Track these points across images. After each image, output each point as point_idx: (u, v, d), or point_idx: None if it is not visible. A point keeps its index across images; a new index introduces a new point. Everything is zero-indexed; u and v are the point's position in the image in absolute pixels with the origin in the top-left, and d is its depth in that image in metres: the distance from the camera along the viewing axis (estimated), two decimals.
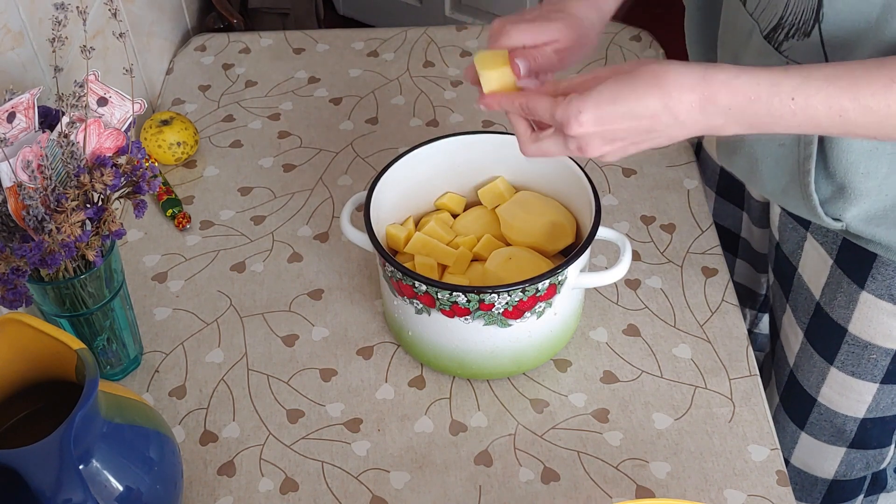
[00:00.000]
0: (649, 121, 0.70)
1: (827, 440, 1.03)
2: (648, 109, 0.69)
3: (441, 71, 1.35)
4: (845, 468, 1.05)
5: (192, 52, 1.40)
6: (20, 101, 0.80)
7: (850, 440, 1.02)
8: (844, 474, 1.05)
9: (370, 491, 0.88)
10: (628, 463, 0.90)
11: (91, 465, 0.72)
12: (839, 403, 1.00)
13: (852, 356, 0.95)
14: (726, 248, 1.18)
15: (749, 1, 0.83)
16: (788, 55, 0.79)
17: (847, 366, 0.96)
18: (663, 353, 0.99)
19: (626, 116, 0.70)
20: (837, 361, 0.96)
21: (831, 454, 1.04)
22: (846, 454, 1.03)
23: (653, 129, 0.70)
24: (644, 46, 1.36)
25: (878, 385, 0.97)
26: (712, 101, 0.68)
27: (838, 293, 0.93)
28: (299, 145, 1.23)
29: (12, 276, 0.78)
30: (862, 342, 0.94)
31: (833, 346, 0.96)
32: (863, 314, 0.92)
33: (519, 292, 0.85)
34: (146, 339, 1.01)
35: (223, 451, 0.92)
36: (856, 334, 0.94)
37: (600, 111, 0.70)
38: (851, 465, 1.05)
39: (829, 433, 1.02)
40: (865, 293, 0.91)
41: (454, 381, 0.97)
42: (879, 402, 0.98)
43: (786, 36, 0.78)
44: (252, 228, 1.13)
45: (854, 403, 0.99)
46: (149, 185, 0.87)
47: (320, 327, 1.02)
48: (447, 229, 1.00)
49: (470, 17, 2.35)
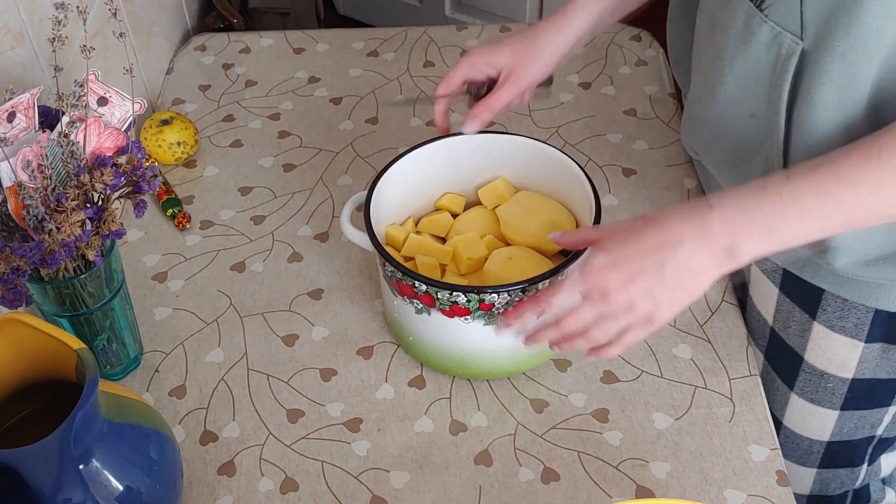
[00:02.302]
0: (658, 253, 0.73)
1: (797, 461, 1.02)
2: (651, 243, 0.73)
3: (441, 71, 1.35)
4: (820, 486, 1.04)
5: (192, 51, 1.40)
6: (20, 100, 0.80)
7: (818, 461, 1.01)
8: (822, 491, 1.05)
9: (370, 491, 0.88)
10: (628, 463, 0.90)
11: (91, 464, 0.72)
12: (802, 428, 0.99)
13: (810, 384, 0.95)
14: None
15: None
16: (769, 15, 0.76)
17: (806, 392, 0.96)
18: (663, 353, 0.99)
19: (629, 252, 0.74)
20: (797, 388, 0.96)
21: (803, 474, 1.03)
22: (818, 474, 1.03)
23: (665, 260, 0.73)
24: (644, 46, 1.36)
25: (839, 412, 0.96)
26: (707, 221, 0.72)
27: (791, 322, 0.93)
28: (299, 145, 1.23)
29: (12, 276, 0.78)
30: (818, 371, 0.93)
31: (792, 372, 0.96)
32: (817, 344, 0.91)
33: (519, 292, 0.85)
34: (146, 338, 1.01)
35: (223, 451, 0.92)
36: (812, 363, 0.93)
37: (604, 253, 0.76)
38: (826, 484, 1.04)
39: (797, 455, 1.02)
40: (818, 324, 0.90)
41: (454, 381, 0.97)
42: (842, 427, 0.97)
43: None
44: (252, 228, 1.13)
45: (818, 428, 0.98)
46: (149, 185, 0.87)
47: (320, 327, 1.02)
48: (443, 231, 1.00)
49: (470, 17, 2.35)
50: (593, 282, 0.76)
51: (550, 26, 0.94)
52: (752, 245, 0.71)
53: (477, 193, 1.02)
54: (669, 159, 1.18)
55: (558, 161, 0.96)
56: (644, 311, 0.75)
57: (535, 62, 0.93)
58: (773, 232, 0.71)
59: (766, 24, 0.76)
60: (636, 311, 0.75)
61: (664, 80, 1.31)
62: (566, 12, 0.94)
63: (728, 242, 0.71)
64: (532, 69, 0.93)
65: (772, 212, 0.70)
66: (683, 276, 0.73)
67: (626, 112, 1.26)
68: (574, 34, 0.93)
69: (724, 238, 0.71)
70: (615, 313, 0.76)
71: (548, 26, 0.94)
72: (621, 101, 1.28)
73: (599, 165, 1.18)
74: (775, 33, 0.76)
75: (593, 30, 0.95)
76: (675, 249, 0.72)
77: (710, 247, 0.72)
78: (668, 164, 1.18)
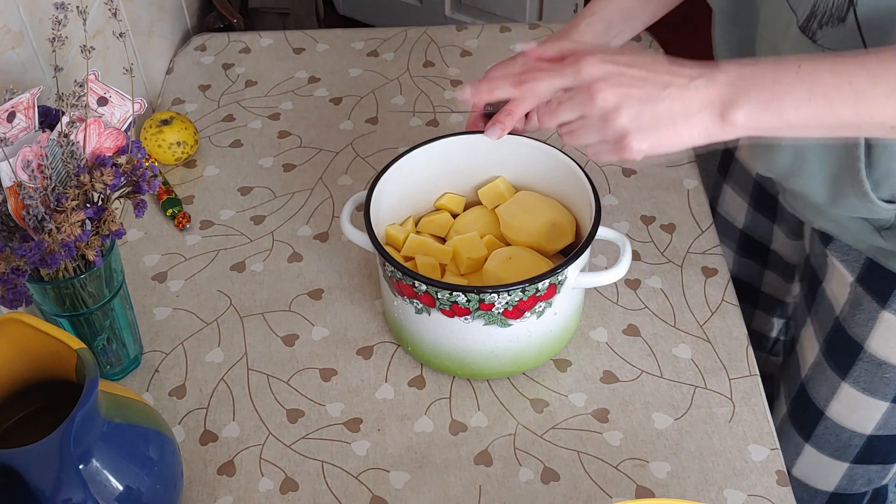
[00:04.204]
0: (661, 76, 0.69)
1: (831, 454, 1.02)
2: (657, 61, 0.70)
3: (441, 71, 1.35)
4: (847, 482, 1.04)
5: (192, 51, 1.40)
6: (20, 100, 0.80)
7: (853, 456, 1.02)
8: (846, 488, 1.05)
9: (370, 491, 0.88)
10: (628, 463, 0.90)
11: (91, 464, 0.72)
12: (847, 419, 0.99)
13: (866, 373, 0.95)
14: (756, 259, 1.17)
15: None
16: (823, 44, 0.77)
17: (860, 382, 0.96)
18: (663, 353, 0.99)
19: (635, 62, 0.70)
20: (850, 378, 0.96)
21: (834, 468, 1.04)
22: (849, 469, 1.03)
23: (666, 84, 0.69)
24: (644, 46, 1.36)
25: (890, 404, 0.96)
26: (717, 69, 0.68)
27: (858, 310, 0.93)
28: (299, 145, 1.23)
29: (12, 276, 0.78)
30: (878, 360, 0.94)
31: (848, 361, 0.96)
32: (881, 333, 0.92)
33: (519, 292, 0.85)
34: (146, 338, 1.01)
35: (223, 451, 0.92)
36: (872, 352, 0.93)
37: (607, 54, 0.71)
38: (853, 480, 1.04)
39: (834, 447, 1.02)
40: (887, 312, 0.90)
41: (454, 381, 0.97)
42: (888, 420, 0.98)
43: (819, 24, 0.76)
44: (252, 228, 1.13)
45: (862, 420, 0.98)
46: (149, 185, 0.87)
47: (320, 327, 1.02)
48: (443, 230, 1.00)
49: (470, 17, 2.35)
50: (587, 72, 0.71)
51: (561, 35, 0.94)
52: (749, 109, 0.67)
53: (477, 193, 1.02)
54: (669, 160, 1.18)
55: (558, 161, 0.96)
56: (622, 124, 0.70)
57: None
58: (776, 101, 0.67)
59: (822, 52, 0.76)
60: (614, 122, 0.70)
61: None
62: (577, 21, 0.94)
63: (728, 95, 0.68)
64: None
65: (784, 79, 0.67)
66: (677, 112, 0.69)
67: None
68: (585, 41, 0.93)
69: (727, 90, 0.68)
70: (592, 116, 0.71)
71: (558, 35, 0.95)
72: None
73: (599, 165, 1.18)
74: None
75: (605, 37, 0.95)
76: (682, 82, 0.69)
77: (712, 93, 0.68)
78: (669, 165, 1.18)
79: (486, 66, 1.35)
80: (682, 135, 0.70)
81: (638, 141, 0.71)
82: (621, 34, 0.96)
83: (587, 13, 0.94)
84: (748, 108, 0.67)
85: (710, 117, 0.69)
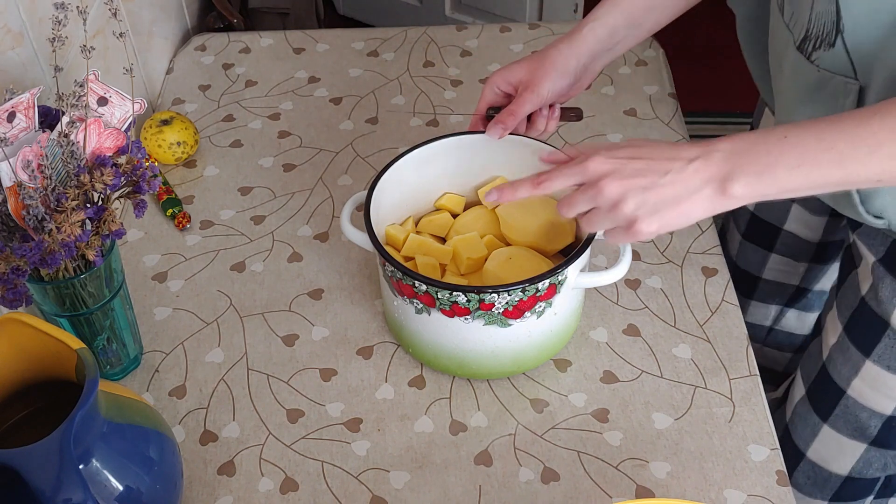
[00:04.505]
0: (660, 162, 0.75)
1: (849, 434, 1.03)
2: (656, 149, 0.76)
3: (441, 71, 1.35)
4: (862, 465, 1.05)
5: (192, 51, 1.40)
6: (20, 100, 0.80)
7: (872, 437, 1.02)
8: (860, 472, 1.05)
9: (370, 491, 0.88)
10: (628, 463, 0.90)
11: (91, 464, 0.72)
12: (868, 397, 0.99)
13: (891, 350, 0.95)
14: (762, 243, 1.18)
15: (785, 11, 0.86)
16: (819, 64, 0.81)
17: (884, 359, 0.96)
18: (663, 353, 0.99)
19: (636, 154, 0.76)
20: (874, 355, 0.96)
21: (850, 449, 1.04)
22: (865, 451, 1.03)
23: (666, 171, 0.74)
24: (644, 46, 1.36)
25: None
26: (713, 147, 0.73)
27: (882, 287, 0.93)
28: (299, 145, 1.23)
29: (12, 276, 0.78)
30: None
31: (872, 339, 0.96)
32: None
33: (519, 292, 0.85)
34: (146, 338, 1.01)
35: (223, 451, 0.92)
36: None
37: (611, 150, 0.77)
38: (869, 464, 1.04)
39: (853, 427, 1.02)
40: None
41: (454, 381, 0.97)
42: None
43: (813, 47, 0.82)
44: (252, 228, 1.13)
45: (883, 399, 0.98)
46: (149, 185, 0.87)
47: (320, 327, 1.02)
48: (443, 230, 1.00)
49: (470, 17, 2.35)
50: (593, 169, 0.77)
51: (564, 39, 0.96)
52: (745, 181, 0.72)
53: (477, 193, 1.02)
54: None
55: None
56: (630, 211, 0.75)
57: (550, 72, 0.95)
58: (769, 172, 0.72)
59: (819, 72, 0.81)
60: (622, 210, 0.76)
61: (664, 80, 1.31)
62: (580, 26, 0.96)
63: (726, 171, 0.72)
64: (547, 78, 0.95)
65: (773, 151, 0.71)
66: (679, 194, 0.74)
67: (626, 112, 1.26)
68: (588, 46, 0.96)
69: (723, 166, 0.73)
70: (603, 206, 0.77)
71: (561, 40, 0.96)
72: (621, 101, 1.28)
73: None
74: (829, 77, 0.81)
75: (609, 43, 0.96)
76: (681, 164, 0.74)
77: (710, 171, 0.73)
78: None
79: (486, 66, 1.35)
80: (688, 212, 0.75)
81: (646, 224, 0.76)
82: (625, 40, 0.98)
83: (591, 18, 0.96)
84: (745, 181, 0.72)
85: (712, 193, 0.73)
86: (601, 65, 0.98)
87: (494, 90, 0.98)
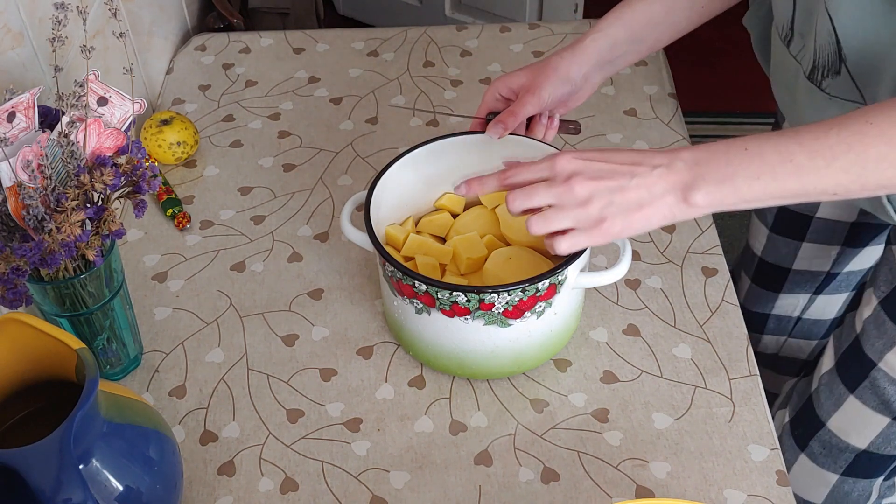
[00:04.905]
0: (627, 166, 0.76)
1: (874, 407, 1.03)
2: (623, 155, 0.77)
3: (441, 71, 1.35)
4: (882, 441, 1.05)
5: (192, 51, 1.40)
6: (20, 100, 0.80)
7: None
8: (878, 447, 1.05)
9: (370, 491, 0.88)
10: (628, 463, 0.90)
11: (91, 464, 0.72)
12: None
13: None
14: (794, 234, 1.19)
15: (792, 45, 0.89)
16: (830, 92, 0.85)
17: None
18: (663, 353, 0.99)
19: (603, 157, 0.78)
20: None
21: (873, 423, 1.04)
22: (888, 426, 1.04)
23: (633, 174, 0.76)
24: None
25: None
26: (677, 156, 0.75)
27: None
28: (299, 145, 1.23)
29: (12, 276, 0.78)
30: None
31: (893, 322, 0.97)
32: None
33: (519, 292, 0.85)
34: (146, 338, 1.01)
35: (223, 451, 0.92)
36: None
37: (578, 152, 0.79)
38: (888, 440, 1.05)
39: (879, 401, 1.02)
40: None
41: (454, 381, 0.97)
42: None
43: (822, 76, 0.84)
44: (252, 228, 1.13)
45: None
46: (149, 185, 0.87)
47: (320, 327, 1.02)
48: (443, 230, 1.00)
49: (470, 17, 2.35)
50: (562, 167, 0.78)
51: (567, 48, 0.98)
52: (708, 190, 0.74)
53: None
54: None
55: None
56: (597, 210, 0.76)
57: (551, 77, 0.96)
58: (730, 182, 0.73)
59: (830, 99, 0.84)
60: (589, 209, 0.76)
61: (664, 80, 1.31)
62: (584, 37, 0.98)
63: (688, 180, 0.74)
64: (549, 82, 0.96)
65: (734, 161, 0.73)
66: (643, 198, 0.76)
67: (626, 112, 1.26)
68: (590, 56, 0.97)
69: (686, 174, 0.74)
70: (569, 204, 0.78)
71: (565, 49, 0.98)
72: (621, 101, 1.28)
73: None
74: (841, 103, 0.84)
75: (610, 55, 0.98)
76: (646, 170, 0.76)
77: (672, 179, 0.75)
78: None
79: (486, 66, 1.35)
80: (650, 217, 0.76)
81: (610, 224, 0.77)
82: (626, 55, 0.99)
83: (595, 30, 0.98)
84: (706, 190, 0.74)
85: (674, 200, 0.75)
86: (601, 77, 0.99)
87: (496, 95, 0.99)
